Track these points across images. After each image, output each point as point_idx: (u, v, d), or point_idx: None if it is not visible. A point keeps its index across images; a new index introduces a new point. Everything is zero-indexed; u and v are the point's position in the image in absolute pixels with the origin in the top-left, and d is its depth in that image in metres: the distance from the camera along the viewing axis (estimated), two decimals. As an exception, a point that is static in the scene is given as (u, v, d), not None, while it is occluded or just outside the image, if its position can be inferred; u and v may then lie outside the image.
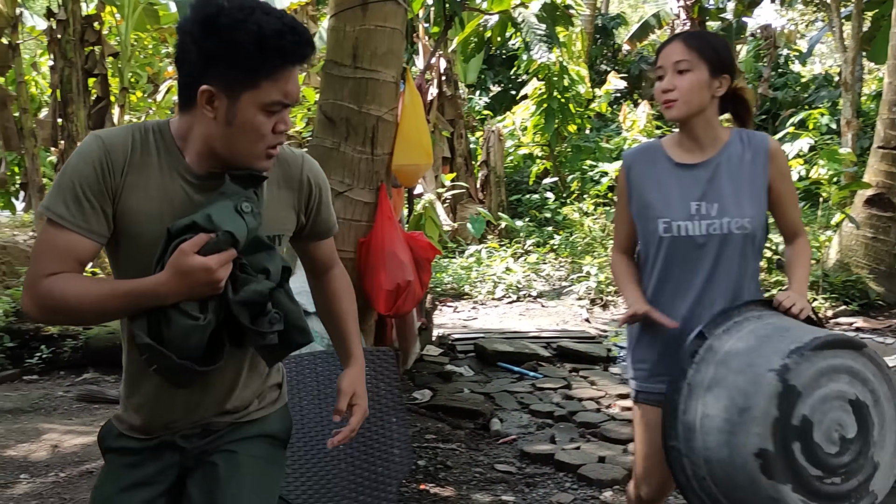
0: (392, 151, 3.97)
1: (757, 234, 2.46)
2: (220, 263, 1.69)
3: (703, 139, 2.48)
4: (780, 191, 2.49)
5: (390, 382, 3.00)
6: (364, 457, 2.83)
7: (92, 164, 1.75)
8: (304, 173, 1.96)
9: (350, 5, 3.81)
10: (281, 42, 1.69)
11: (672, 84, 2.43)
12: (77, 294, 1.73)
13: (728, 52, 2.47)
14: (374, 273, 3.85)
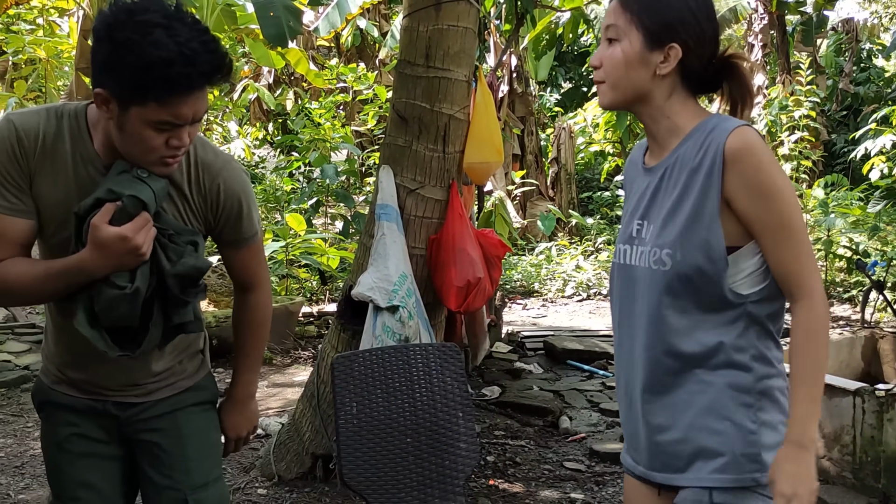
0: (463, 149, 4.00)
1: (690, 276, 1.68)
2: (136, 230, 1.74)
3: (657, 133, 1.80)
4: (749, 215, 1.66)
5: (457, 378, 3.03)
6: (431, 450, 2.87)
7: (6, 150, 1.80)
8: (217, 181, 1.95)
9: (423, 5, 3.86)
10: (166, 71, 1.64)
11: (599, 59, 1.78)
12: (17, 277, 1.81)
13: (686, 8, 1.71)
14: (444, 270, 3.89)
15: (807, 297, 1.66)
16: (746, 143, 1.64)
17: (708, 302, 1.69)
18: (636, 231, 1.80)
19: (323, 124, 10.37)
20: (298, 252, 8.17)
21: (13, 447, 4.92)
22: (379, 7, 15.27)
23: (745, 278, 1.69)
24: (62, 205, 1.82)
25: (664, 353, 1.73)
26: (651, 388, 1.76)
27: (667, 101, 1.75)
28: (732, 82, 1.77)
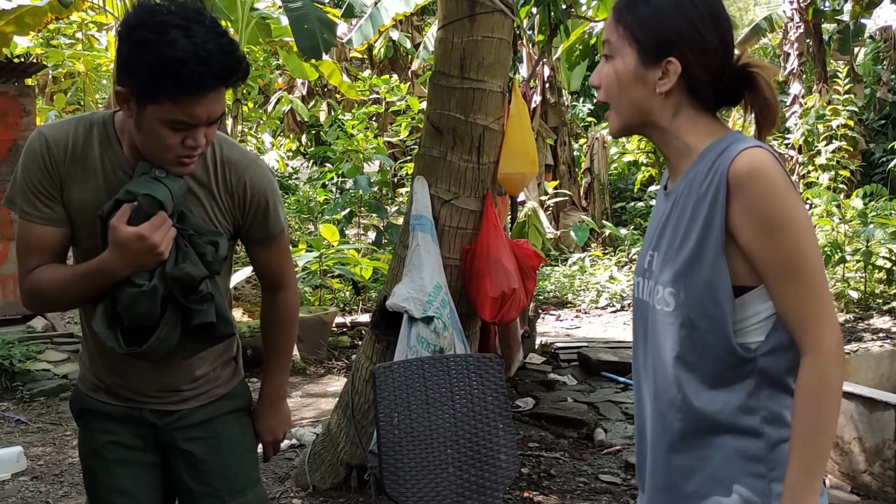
0: (498, 160, 4.00)
1: (694, 319, 1.48)
2: (153, 229, 1.78)
3: (670, 156, 1.60)
4: (752, 250, 1.44)
5: (496, 389, 3.02)
6: (472, 461, 2.86)
7: (37, 161, 1.87)
8: (243, 178, 1.98)
9: (458, 17, 3.87)
10: (180, 70, 1.67)
11: (598, 78, 1.62)
12: (49, 282, 1.88)
13: (683, 18, 1.51)
14: (479, 280, 3.88)
15: (814, 351, 1.43)
16: (755, 166, 1.42)
17: (714, 353, 1.49)
18: (647, 263, 1.62)
19: (356, 135, 10.43)
20: (332, 262, 8.21)
21: (52, 455, 4.98)
22: (412, 19, 15.35)
23: (756, 324, 1.48)
24: (93, 210, 1.86)
25: (669, 407, 1.55)
26: (658, 442, 1.59)
27: (672, 121, 1.56)
28: (751, 94, 1.55)
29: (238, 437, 2.16)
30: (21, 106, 7.48)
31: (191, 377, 2.07)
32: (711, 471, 1.51)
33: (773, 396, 1.49)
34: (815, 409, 1.42)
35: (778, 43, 16.24)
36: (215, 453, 2.10)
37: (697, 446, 1.52)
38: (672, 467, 1.56)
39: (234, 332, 2.03)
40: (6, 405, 5.93)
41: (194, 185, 1.93)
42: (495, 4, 3.84)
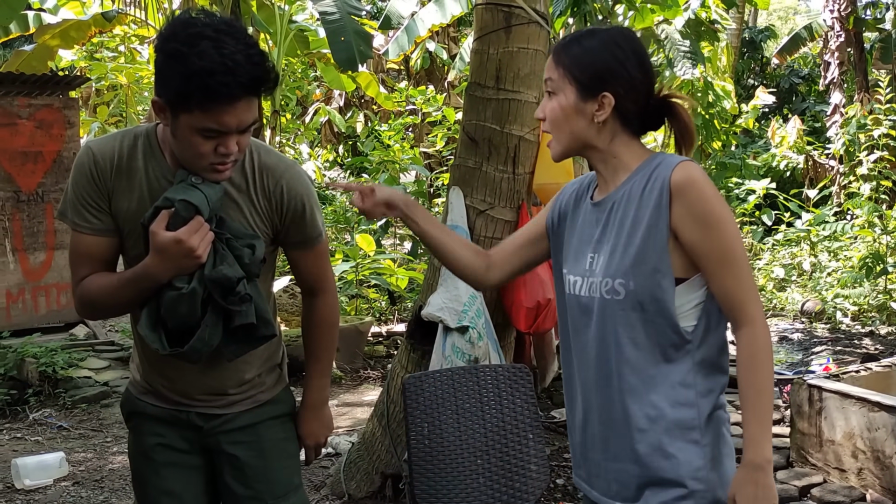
0: (533, 170, 4.01)
1: (644, 303, 1.75)
2: (190, 233, 1.83)
3: (606, 172, 1.88)
4: (694, 245, 1.73)
5: (527, 399, 3.02)
6: (502, 472, 2.86)
7: (85, 174, 1.96)
8: (280, 182, 2.02)
9: (494, 28, 3.89)
10: (207, 80, 1.74)
11: (542, 111, 1.88)
12: (98, 289, 1.98)
13: (613, 60, 1.79)
14: (514, 290, 3.89)
15: (749, 324, 1.73)
16: (690, 176, 1.73)
17: (659, 334, 1.76)
18: (589, 264, 1.86)
19: (392, 146, 10.49)
20: (368, 272, 8.26)
21: (93, 461, 5.06)
22: (448, 30, 15.41)
23: (689, 310, 1.77)
24: (139, 218, 1.94)
25: (617, 384, 1.80)
26: (606, 416, 1.84)
27: (610, 145, 1.84)
28: (672, 120, 1.86)
29: (281, 441, 2.21)
30: (65, 118, 7.63)
31: (237, 381, 2.12)
32: (655, 439, 1.76)
33: (707, 374, 1.78)
34: (757, 370, 1.72)
35: (818, 52, 16.06)
36: (259, 457, 2.14)
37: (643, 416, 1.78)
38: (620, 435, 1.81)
39: (275, 334, 2.07)
40: (49, 411, 6.04)
41: (233, 190, 1.99)
42: (531, 16, 3.86)
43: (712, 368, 1.79)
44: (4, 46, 15.53)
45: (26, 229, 7.41)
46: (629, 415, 1.79)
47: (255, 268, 1.96)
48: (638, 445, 1.78)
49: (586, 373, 1.88)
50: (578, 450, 1.95)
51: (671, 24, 9.91)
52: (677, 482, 1.75)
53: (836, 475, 4.19)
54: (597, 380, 1.85)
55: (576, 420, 1.94)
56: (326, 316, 2.25)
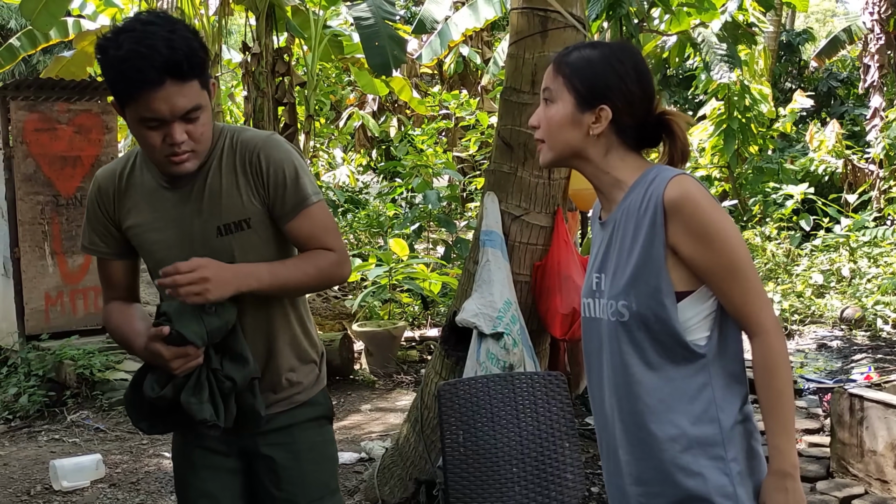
0: (569, 176, 3.98)
1: (648, 323, 1.74)
2: (173, 356, 1.91)
3: (602, 189, 1.88)
4: (695, 261, 1.72)
5: (562, 406, 3.00)
6: (537, 480, 2.84)
7: (93, 202, 2.12)
8: (257, 152, 2.03)
9: (529, 33, 3.87)
10: (121, 68, 1.83)
11: (537, 119, 1.89)
12: (111, 328, 2.16)
13: (614, 73, 1.80)
14: (549, 297, 3.86)
15: (762, 333, 1.71)
16: (684, 191, 1.71)
17: (669, 352, 1.75)
18: (595, 284, 1.87)
19: (425, 150, 10.49)
20: (401, 277, 8.25)
21: (129, 463, 5.10)
22: (481, 34, 15.40)
23: (698, 322, 1.75)
24: (149, 227, 2.07)
25: (632, 406, 1.78)
26: (628, 439, 1.82)
27: (605, 158, 1.83)
28: (668, 137, 1.85)
29: (318, 444, 2.21)
30: (104, 123, 7.72)
31: (272, 383, 2.14)
32: (680, 459, 1.73)
33: (724, 386, 1.75)
34: (774, 378, 1.70)
35: (857, 55, 15.82)
36: (293, 459, 2.15)
37: (663, 438, 1.75)
38: (645, 459, 1.78)
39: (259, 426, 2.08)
40: (86, 413, 6.11)
41: (229, 173, 2.03)
42: (567, 20, 3.83)
43: (731, 380, 1.77)
44: (44, 52, 15.79)
45: (65, 233, 7.51)
46: (649, 437, 1.77)
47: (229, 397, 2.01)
48: (661, 467, 1.76)
49: (602, 396, 1.87)
50: (608, 480, 1.93)
51: (708, 28, 9.81)
52: (705, 499, 1.72)
53: (878, 486, 4.11)
54: (612, 404, 1.83)
55: (603, 448, 1.94)
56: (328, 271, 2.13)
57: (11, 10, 18.28)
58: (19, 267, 7.31)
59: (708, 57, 10.23)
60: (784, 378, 1.71)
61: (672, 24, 7.12)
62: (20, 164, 7.28)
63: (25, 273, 7.32)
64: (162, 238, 2.07)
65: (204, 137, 1.97)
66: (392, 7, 7.59)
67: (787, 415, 1.71)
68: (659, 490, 1.77)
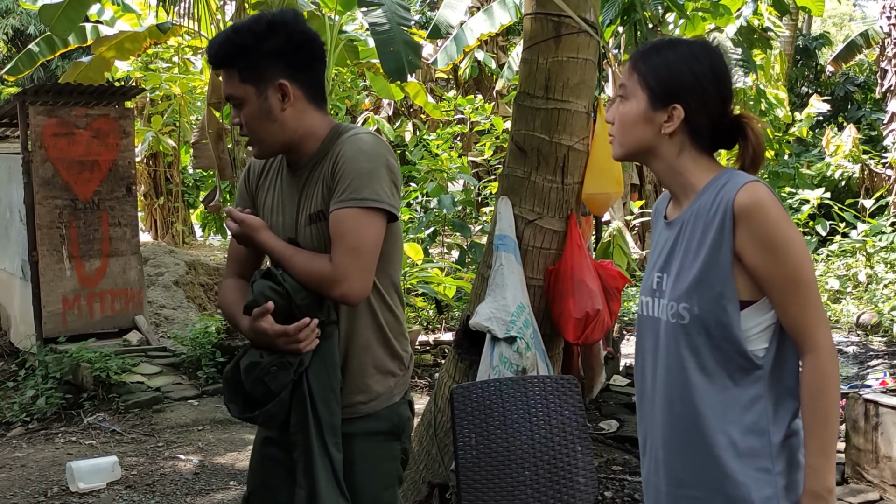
0: (582, 180, 3.98)
1: (709, 328, 1.73)
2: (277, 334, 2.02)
3: (673, 189, 1.89)
4: (759, 269, 1.70)
5: (575, 411, 3.00)
6: (550, 484, 2.85)
7: (241, 180, 2.34)
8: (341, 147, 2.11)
9: (543, 38, 3.88)
10: None
11: (612, 116, 1.90)
12: (222, 304, 2.28)
13: (689, 73, 1.80)
14: (562, 301, 3.86)
15: (815, 350, 1.69)
16: (755, 199, 1.69)
17: (727, 360, 1.73)
18: (656, 283, 1.86)
19: (440, 155, 10.51)
20: (415, 281, 8.28)
21: (145, 465, 5.14)
22: (496, 39, 15.42)
23: (758, 333, 1.74)
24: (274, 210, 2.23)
25: (684, 409, 1.78)
26: (674, 442, 1.81)
27: (677, 158, 1.83)
28: (742, 140, 1.84)
29: (372, 459, 2.18)
30: (121, 127, 7.79)
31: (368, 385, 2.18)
32: (724, 466, 1.72)
33: (777, 400, 1.73)
34: (821, 399, 1.68)
35: (875, 59, 15.73)
36: (347, 468, 2.12)
37: (711, 444, 1.74)
38: (688, 462, 1.78)
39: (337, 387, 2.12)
40: (102, 416, 6.15)
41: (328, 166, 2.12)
42: (580, 25, 3.84)
43: (785, 394, 1.74)
44: (63, 58, 15.92)
45: (82, 236, 7.57)
46: (697, 441, 1.75)
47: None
48: (706, 472, 1.75)
49: (653, 396, 1.87)
50: (647, 481, 1.93)
51: (723, 32, 9.79)
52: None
53: (893, 492, 4.09)
54: (663, 404, 1.83)
55: (645, 448, 1.94)
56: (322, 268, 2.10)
57: (31, 15, 18.45)
58: (37, 270, 7.38)
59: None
60: (831, 400, 1.69)
61: (687, 28, 7.10)
62: (38, 169, 7.35)
63: (43, 276, 7.39)
64: (279, 220, 2.21)
65: (251, 129, 2.13)
66: (407, 12, 7.61)
67: (829, 437, 1.69)
68: (700, 494, 1.76)
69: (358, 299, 2.07)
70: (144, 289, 8.15)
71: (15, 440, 5.76)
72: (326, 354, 2.08)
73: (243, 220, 2.14)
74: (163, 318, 9.04)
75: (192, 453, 5.37)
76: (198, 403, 6.50)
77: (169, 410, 6.30)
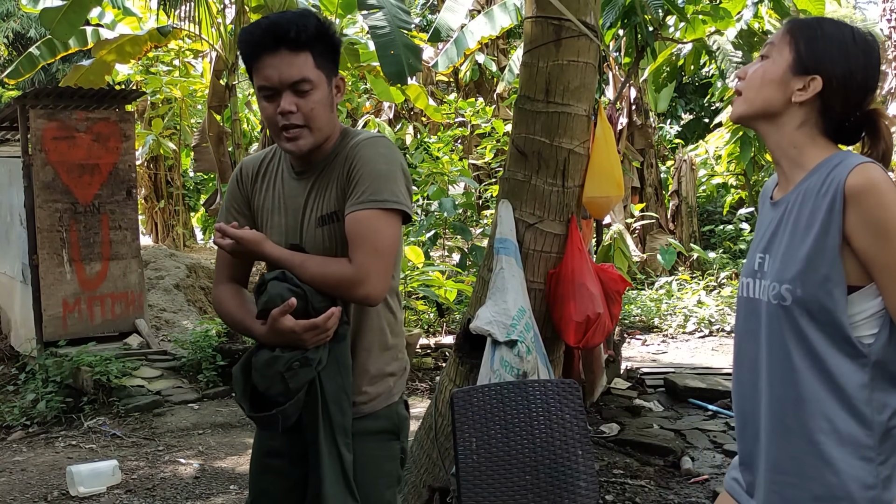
0: (583, 183, 3.98)
1: (812, 311, 1.67)
2: (304, 329, 1.99)
3: (783, 163, 1.81)
4: (868, 254, 1.63)
5: (576, 414, 3.00)
6: (551, 488, 2.84)
7: (233, 183, 2.30)
8: (355, 150, 2.11)
9: (543, 41, 3.88)
10: (249, 36, 2.04)
11: (745, 71, 1.85)
12: (226, 310, 2.21)
13: (842, 50, 1.73)
14: (563, 304, 3.86)
15: None
16: (869, 180, 1.62)
17: (832, 344, 1.67)
18: (758, 265, 1.81)
19: (441, 158, 10.52)
20: (416, 284, 8.27)
21: (145, 469, 5.13)
22: (497, 42, 15.43)
23: (866, 319, 1.67)
24: (274, 209, 2.21)
25: (785, 392, 1.73)
26: (774, 425, 1.76)
27: (797, 130, 1.77)
28: (873, 135, 1.77)
29: (374, 458, 2.20)
30: (122, 131, 7.79)
31: (371, 374, 2.19)
32: (826, 454, 1.67)
33: (885, 389, 1.67)
34: None
35: (875, 62, 15.71)
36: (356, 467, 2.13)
37: (813, 429, 1.69)
38: (788, 448, 1.73)
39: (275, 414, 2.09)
40: (103, 419, 6.15)
41: (339, 168, 2.13)
42: (580, 29, 3.84)
43: (891, 383, 1.69)
44: (64, 61, 15.94)
45: (83, 240, 7.57)
46: (798, 427, 1.71)
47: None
48: (805, 459, 1.70)
49: (753, 379, 1.82)
50: (742, 461, 1.90)
51: (723, 35, 9.78)
52: (847, 497, 1.66)
53: None
54: (764, 387, 1.78)
55: (741, 429, 1.90)
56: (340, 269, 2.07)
57: (31, 19, 18.47)
58: (38, 274, 7.38)
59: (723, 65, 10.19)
60: None
61: (687, 31, 7.09)
62: (39, 172, 7.36)
63: (44, 280, 7.39)
64: (280, 222, 2.19)
65: (315, 116, 2.06)
66: (408, 16, 7.60)
67: None
68: (797, 481, 1.72)
69: (379, 299, 2.08)
70: (145, 292, 8.15)
71: (15, 444, 5.75)
72: (340, 355, 2.08)
73: (241, 236, 2.05)
74: (163, 322, 9.04)
75: (192, 457, 5.37)
76: (198, 407, 6.49)
77: (169, 414, 6.30)
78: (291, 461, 2.16)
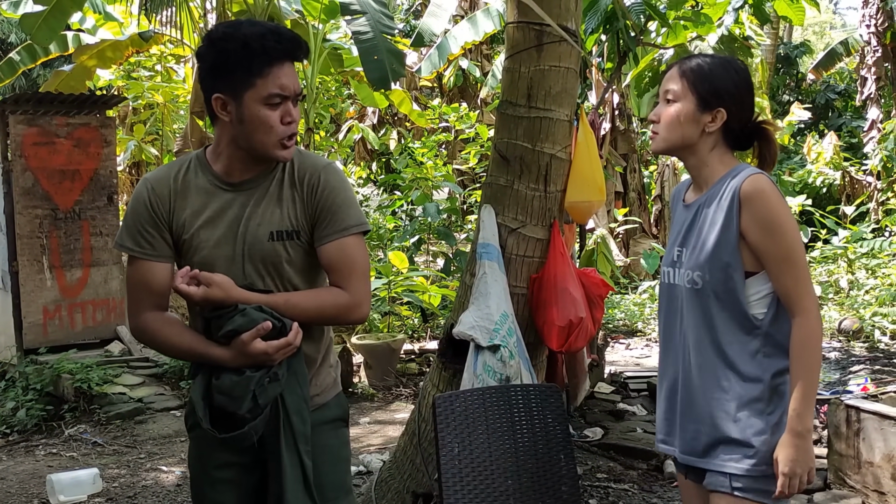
0: (565, 188, 3.98)
1: (717, 292, 2.13)
2: (276, 349, 2.03)
3: (698, 177, 2.27)
4: (758, 246, 2.10)
5: (558, 419, 3.00)
6: (533, 492, 2.84)
7: (143, 202, 2.16)
8: (319, 173, 2.15)
9: (525, 47, 3.89)
10: (262, 43, 2.00)
11: (657, 114, 2.26)
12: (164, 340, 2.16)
13: (731, 82, 2.19)
14: (546, 309, 3.86)
15: (802, 314, 2.08)
16: (758, 187, 2.10)
17: (733, 319, 2.14)
18: (676, 256, 2.26)
19: (425, 163, 10.51)
20: (400, 289, 8.26)
21: (127, 478, 5.09)
22: (481, 47, 15.45)
23: (759, 299, 2.14)
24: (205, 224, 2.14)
25: (697, 359, 2.19)
26: (687, 384, 2.22)
27: (710, 153, 2.23)
28: (762, 143, 2.26)
29: (333, 447, 2.27)
30: (103, 136, 7.75)
31: (319, 375, 2.26)
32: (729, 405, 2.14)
33: (772, 354, 2.14)
34: (807, 354, 2.08)
35: (855, 67, 15.87)
36: (313, 460, 2.17)
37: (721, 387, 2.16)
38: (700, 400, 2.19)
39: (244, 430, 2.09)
40: (83, 427, 6.10)
41: (290, 186, 2.15)
42: (562, 34, 3.85)
43: (778, 350, 2.13)
44: (44, 66, 15.83)
45: (63, 246, 7.52)
46: (707, 385, 2.16)
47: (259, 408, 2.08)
48: (713, 411, 2.15)
49: (676, 349, 2.26)
50: (663, 416, 2.32)
51: (705, 41, 9.84)
52: (745, 443, 2.11)
53: (875, 498, 4.10)
54: (683, 355, 2.23)
55: (664, 390, 2.32)
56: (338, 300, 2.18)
57: (11, 24, 18.34)
58: (17, 281, 7.32)
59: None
60: (815, 356, 2.09)
61: (669, 37, 7.12)
62: (19, 178, 7.30)
63: (24, 287, 7.33)
64: (212, 235, 2.14)
65: (295, 127, 2.12)
66: (391, 21, 7.61)
67: (811, 387, 2.07)
68: (705, 429, 2.16)
69: (367, 317, 2.27)
70: (126, 299, 8.09)
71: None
72: (297, 368, 2.13)
73: (213, 280, 2.03)
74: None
75: (174, 465, 5.33)
76: (180, 414, 6.45)
77: (151, 421, 6.26)
78: (245, 469, 2.17)
